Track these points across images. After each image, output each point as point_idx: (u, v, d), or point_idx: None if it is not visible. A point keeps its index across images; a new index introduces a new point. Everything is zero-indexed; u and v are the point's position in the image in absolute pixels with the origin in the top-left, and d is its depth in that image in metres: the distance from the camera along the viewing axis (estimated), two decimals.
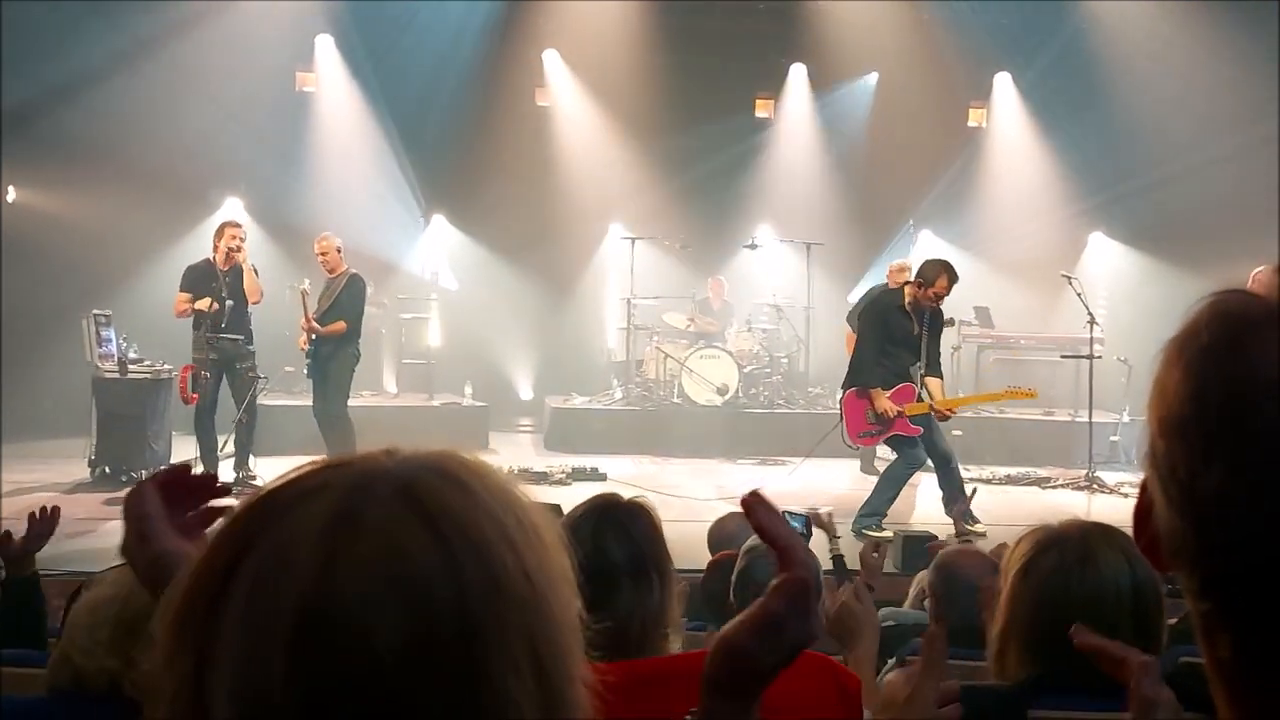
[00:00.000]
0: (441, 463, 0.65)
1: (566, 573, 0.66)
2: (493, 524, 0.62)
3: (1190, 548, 0.63)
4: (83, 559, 5.10)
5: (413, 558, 0.59)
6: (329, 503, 0.61)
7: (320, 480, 0.63)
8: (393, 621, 0.57)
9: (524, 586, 0.62)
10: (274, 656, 0.57)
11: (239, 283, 7.11)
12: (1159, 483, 0.65)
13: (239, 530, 0.62)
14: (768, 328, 10.83)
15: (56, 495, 7.05)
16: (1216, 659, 0.64)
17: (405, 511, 0.61)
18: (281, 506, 0.62)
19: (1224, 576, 0.62)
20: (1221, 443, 0.61)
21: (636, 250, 10.38)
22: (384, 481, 0.62)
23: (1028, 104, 11.92)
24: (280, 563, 0.59)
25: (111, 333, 7.82)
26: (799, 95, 12.20)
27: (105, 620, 1.48)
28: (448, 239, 12.01)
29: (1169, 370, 0.64)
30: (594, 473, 8.18)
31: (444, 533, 0.60)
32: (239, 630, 0.58)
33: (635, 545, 1.81)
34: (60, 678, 1.49)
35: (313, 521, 0.60)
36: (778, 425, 9.92)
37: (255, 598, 0.58)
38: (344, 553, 0.58)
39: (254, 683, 0.57)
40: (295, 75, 11.14)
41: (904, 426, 6.34)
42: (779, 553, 0.85)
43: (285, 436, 8.13)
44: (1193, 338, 0.64)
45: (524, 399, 11.87)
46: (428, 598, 0.58)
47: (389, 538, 0.59)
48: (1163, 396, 0.64)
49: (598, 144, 11.67)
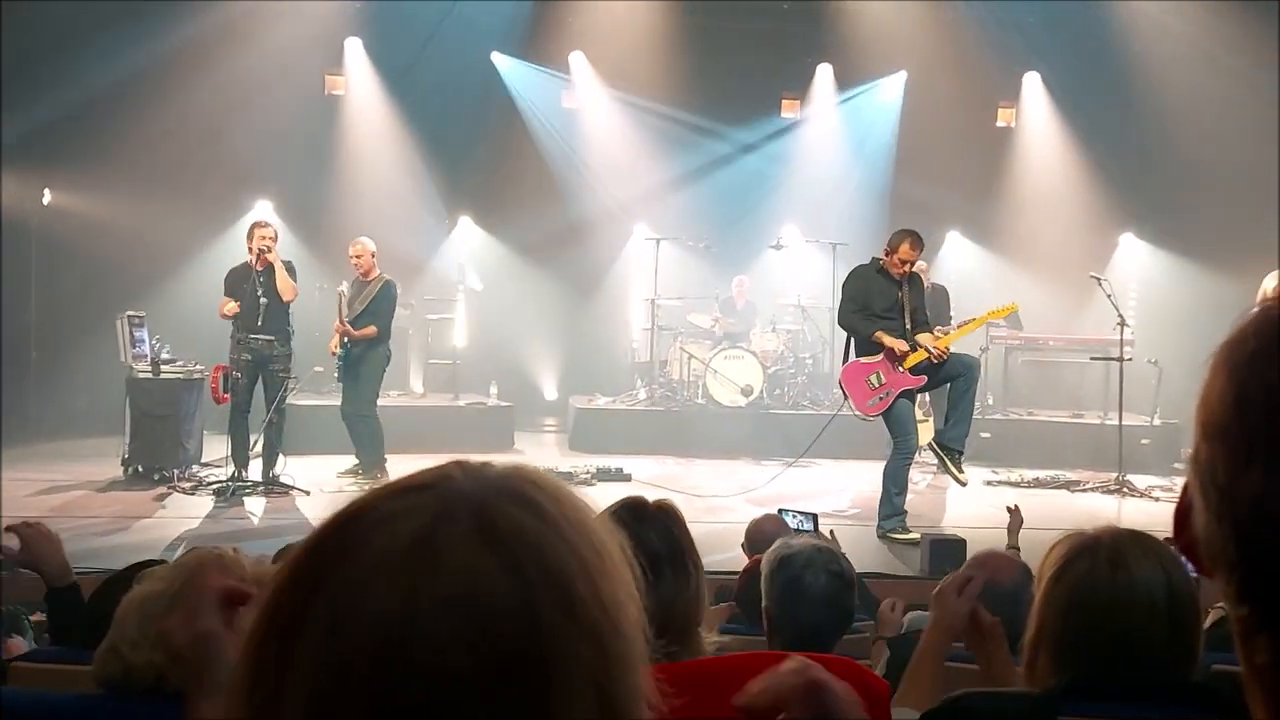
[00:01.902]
0: (517, 485, 0.65)
1: (633, 591, 0.67)
2: (567, 551, 0.63)
3: (1228, 551, 0.63)
4: (114, 556, 5.17)
5: (490, 591, 0.59)
6: (407, 533, 0.60)
7: (398, 506, 0.62)
8: (468, 656, 0.58)
9: (596, 615, 0.62)
10: (352, 690, 0.57)
11: (272, 282, 7.18)
12: (1199, 486, 0.65)
13: (317, 556, 0.62)
14: (792, 328, 10.80)
15: (90, 493, 7.17)
16: (1254, 665, 0.64)
17: (482, 541, 0.61)
18: (360, 535, 0.61)
19: (1262, 581, 0.62)
20: (1261, 447, 0.61)
21: (661, 251, 10.39)
22: (461, 507, 0.62)
23: (1057, 104, 11.82)
24: (359, 594, 0.59)
25: (145, 333, 7.92)
26: (825, 95, 12.15)
27: (154, 615, 1.51)
28: (474, 240, 12.07)
29: (1215, 375, 0.65)
30: (618, 473, 8.20)
31: (521, 563, 0.60)
32: (316, 661, 0.58)
33: (672, 536, 1.90)
34: (107, 669, 1.52)
35: (391, 553, 0.60)
36: (802, 426, 9.87)
37: (334, 629, 0.58)
38: (423, 586, 0.58)
39: (331, 715, 0.57)
40: (324, 79, 11.24)
41: (906, 380, 6.42)
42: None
43: (315, 436, 8.22)
44: (1240, 344, 0.64)
45: (549, 399, 11.91)
46: (503, 632, 0.59)
47: (467, 570, 0.59)
48: (1207, 401, 0.65)
49: (623, 145, 11.69)
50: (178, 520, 6.46)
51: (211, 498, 7.02)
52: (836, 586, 2.34)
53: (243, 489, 7.10)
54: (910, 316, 6.44)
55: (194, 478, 7.52)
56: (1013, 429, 9.80)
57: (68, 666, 2.04)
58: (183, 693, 1.10)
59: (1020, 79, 11.92)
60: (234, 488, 7.05)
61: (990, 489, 8.28)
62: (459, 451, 8.33)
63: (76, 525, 6.11)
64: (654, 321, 10.40)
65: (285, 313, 7.28)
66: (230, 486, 7.05)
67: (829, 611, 2.33)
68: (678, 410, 10.03)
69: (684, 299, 10.69)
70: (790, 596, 2.35)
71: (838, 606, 2.35)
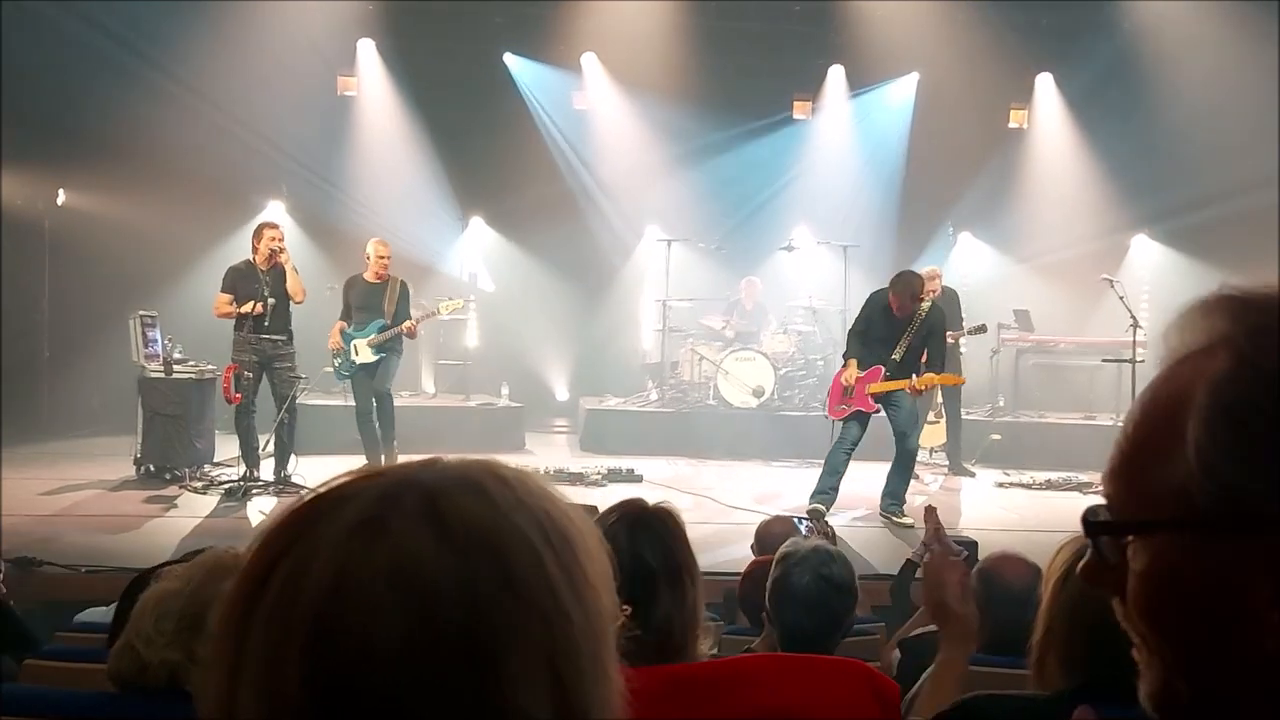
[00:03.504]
0: (473, 473, 0.66)
1: (604, 581, 0.67)
2: (517, 536, 0.63)
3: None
4: (128, 555, 5.21)
5: (428, 568, 0.60)
6: (354, 512, 0.63)
7: (353, 489, 0.65)
8: (400, 630, 0.59)
9: (545, 599, 0.62)
10: (290, 660, 0.59)
11: (281, 283, 7.21)
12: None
13: (279, 535, 0.64)
14: (803, 330, 10.79)
15: (102, 492, 7.21)
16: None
17: (424, 522, 0.62)
18: (315, 514, 0.64)
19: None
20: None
21: (672, 252, 10.40)
22: (411, 492, 0.64)
23: (1070, 105, 11.78)
24: (303, 569, 0.61)
25: (157, 333, 7.96)
26: (837, 96, 12.13)
27: (170, 613, 1.52)
28: (485, 241, 12.10)
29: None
30: (629, 474, 8.20)
31: (460, 544, 0.61)
32: (263, 632, 0.61)
33: (669, 550, 1.85)
34: (122, 666, 1.53)
35: (336, 530, 0.62)
36: (813, 428, 9.87)
37: (279, 602, 0.61)
38: (360, 561, 0.60)
39: (274, 684, 0.59)
40: (337, 79, 11.28)
41: (863, 402, 6.81)
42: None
43: (325, 436, 8.24)
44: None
45: (559, 400, 11.93)
46: (434, 608, 0.59)
47: (405, 549, 0.61)
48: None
49: (635, 146, 11.70)
50: (189, 519, 6.48)
51: (223, 497, 7.05)
52: (822, 588, 2.29)
53: (254, 488, 7.13)
54: (904, 352, 6.77)
55: (205, 477, 7.55)
56: (1024, 431, 9.77)
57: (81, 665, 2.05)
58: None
59: (1032, 80, 11.88)
60: (245, 487, 7.08)
61: (1002, 491, 8.26)
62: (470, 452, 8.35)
63: (88, 524, 6.15)
64: (665, 323, 10.40)
65: (289, 313, 7.33)
66: (242, 486, 7.08)
67: (812, 614, 2.28)
68: (688, 411, 10.03)
69: (695, 300, 10.69)
70: (776, 595, 2.34)
71: (824, 609, 2.29)
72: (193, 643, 1.49)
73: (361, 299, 7.75)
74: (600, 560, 0.67)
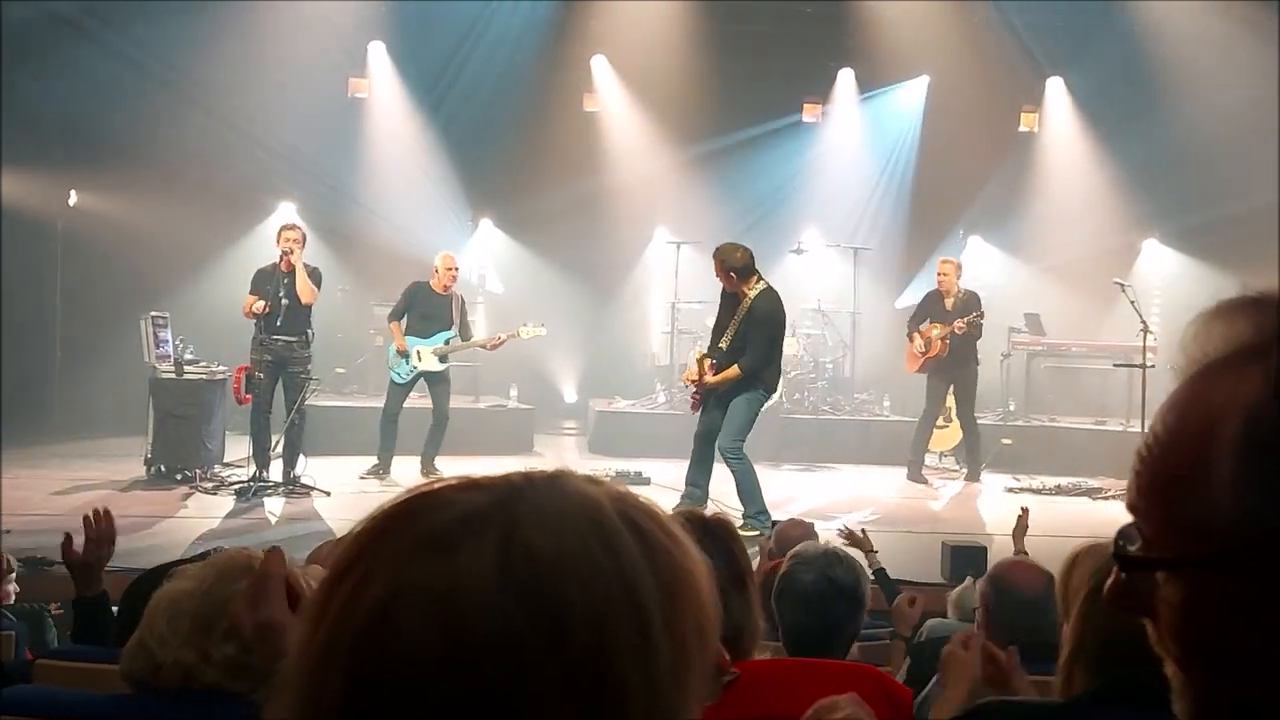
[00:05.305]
0: (577, 508, 0.62)
1: (700, 643, 0.62)
2: (586, 595, 0.58)
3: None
4: (139, 555, 5.21)
5: (473, 605, 0.57)
6: (436, 522, 0.61)
7: (447, 498, 0.62)
8: (434, 656, 0.56)
9: (600, 668, 0.57)
10: (337, 669, 0.58)
11: (294, 285, 7.22)
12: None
13: (367, 531, 0.63)
14: (813, 333, 10.77)
15: (113, 493, 7.22)
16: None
17: (495, 555, 0.58)
18: (407, 516, 0.62)
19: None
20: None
21: (681, 254, 10.38)
22: (500, 516, 0.60)
23: (1081, 109, 11.73)
24: (370, 575, 0.60)
25: (168, 334, 7.99)
26: (847, 99, 12.11)
27: (184, 613, 1.52)
28: (495, 243, 12.11)
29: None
30: (637, 476, 8.19)
31: (520, 590, 0.57)
32: (323, 633, 0.60)
33: (733, 557, 1.86)
34: (135, 665, 1.53)
35: (410, 540, 0.60)
36: (823, 431, 9.87)
37: (345, 604, 0.60)
38: (414, 576, 0.58)
39: (316, 693, 0.59)
40: (348, 81, 11.30)
41: (695, 397, 6.60)
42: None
43: (336, 437, 8.26)
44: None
45: (569, 402, 11.92)
46: (473, 654, 0.56)
47: (460, 576, 0.58)
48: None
49: (644, 149, 11.69)
50: (200, 520, 6.50)
51: (233, 498, 7.06)
52: (823, 589, 2.26)
53: (264, 489, 7.14)
54: (732, 337, 6.41)
55: (216, 478, 7.57)
56: (1035, 436, 9.73)
57: (94, 665, 2.05)
58: (210, 692, 1.11)
59: (1044, 83, 11.83)
60: (255, 488, 7.09)
61: (1012, 496, 8.23)
62: (479, 454, 8.35)
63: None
64: (674, 325, 10.39)
65: (306, 315, 7.32)
66: (252, 487, 7.09)
67: (813, 614, 2.25)
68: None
69: (704, 303, 10.66)
70: (780, 593, 2.32)
71: (824, 610, 2.26)
72: (206, 643, 1.49)
73: (427, 308, 7.81)
74: (698, 614, 0.63)
